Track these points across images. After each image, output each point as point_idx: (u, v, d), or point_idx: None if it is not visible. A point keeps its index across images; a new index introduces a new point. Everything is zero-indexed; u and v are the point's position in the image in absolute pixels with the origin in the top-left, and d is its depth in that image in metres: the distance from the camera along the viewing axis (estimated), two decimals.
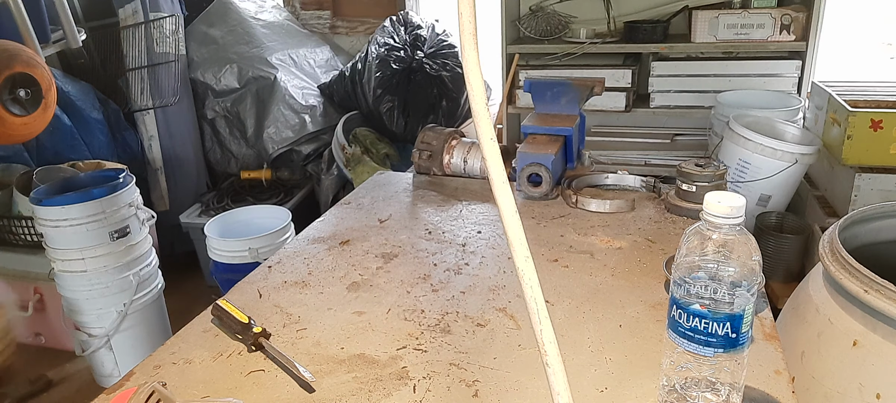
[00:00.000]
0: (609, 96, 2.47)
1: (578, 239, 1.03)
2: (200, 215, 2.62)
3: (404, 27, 2.78)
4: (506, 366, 0.73)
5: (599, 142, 2.69)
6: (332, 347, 0.78)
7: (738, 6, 2.40)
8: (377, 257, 1.01)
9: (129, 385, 0.71)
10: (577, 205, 1.15)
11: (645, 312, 0.83)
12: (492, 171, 0.42)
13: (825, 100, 2.07)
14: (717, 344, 0.58)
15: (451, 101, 2.72)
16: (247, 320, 0.79)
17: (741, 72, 2.43)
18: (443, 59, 2.74)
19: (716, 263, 0.58)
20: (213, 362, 0.76)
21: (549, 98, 1.28)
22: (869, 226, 1.41)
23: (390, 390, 0.70)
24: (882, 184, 1.88)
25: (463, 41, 0.41)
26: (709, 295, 0.58)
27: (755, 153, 1.97)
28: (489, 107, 0.48)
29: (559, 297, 0.87)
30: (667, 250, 0.99)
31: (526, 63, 2.55)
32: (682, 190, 1.11)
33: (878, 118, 1.85)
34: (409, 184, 1.31)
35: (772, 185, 2.02)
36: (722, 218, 0.57)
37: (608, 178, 1.25)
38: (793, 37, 2.33)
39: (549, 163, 1.15)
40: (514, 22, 2.67)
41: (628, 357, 0.74)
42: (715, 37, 2.37)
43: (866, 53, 2.83)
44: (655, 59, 2.48)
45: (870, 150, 1.87)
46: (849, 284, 1.14)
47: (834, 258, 1.20)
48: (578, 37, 2.58)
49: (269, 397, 0.69)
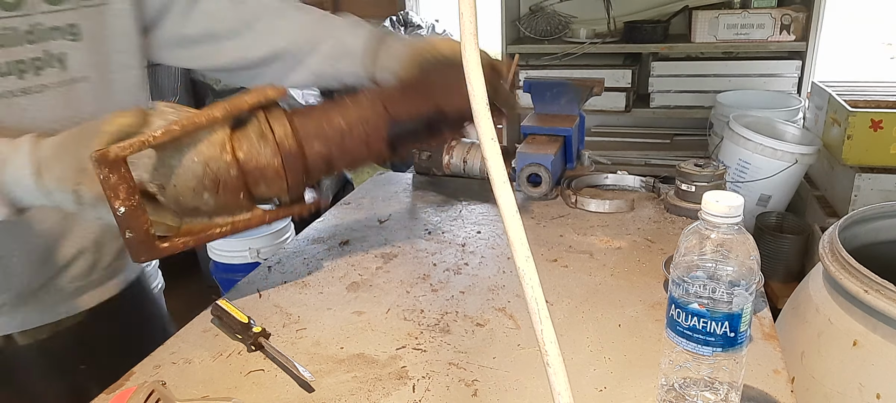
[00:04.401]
0: (609, 96, 2.47)
1: (578, 239, 1.04)
2: None
3: (404, 27, 2.78)
4: (505, 366, 0.73)
5: (599, 142, 2.69)
6: (331, 347, 0.78)
7: (738, 6, 2.41)
8: (377, 257, 1.01)
9: (128, 384, 0.72)
10: (576, 205, 1.15)
11: (644, 312, 0.83)
12: (492, 171, 0.42)
13: (825, 100, 2.07)
14: (716, 344, 0.59)
15: None
16: (246, 320, 0.79)
17: (741, 72, 2.44)
18: None
19: (714, 262, 0.58)
20: (213, 362, 0.76)
21: (548, 98, 1.28)
22: (869, 226, 1.41)
23: (390, 389, 0.70)
24: (882, 184, 1.89)
25: (463, 41, 0.41)
26: (707, 295, 0.58)
27: (755, 153, 1.97)
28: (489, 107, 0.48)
29: (558, 297, 0.87)
30: (666, 250, 0.99)
31: (526, 63, 2.55)
32: (681, 190, 1.11)
33: (878, 118, 1.85)
34: (409, 184, 1.32)
35: (772, 185, 2.02)
36: (720, 218, 0.57)
37: (608, 178, 1.25)
38: (793, 37, 2.33)
39: (548, 163, 1.15)
40: (514, 22, 2.68)
41: (627, 356, 0.74)
42: (715, 37, 2.37)
43: (866, 53, 2.83)
44: (655, 59, 2.49)
45: (870, 150, 1.87)
46: (849, 284, 1.14)
47: (834, 258, 1.21)
48: (578, 37, 2.58)
49: (268, 397, 0.70)
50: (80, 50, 0.84)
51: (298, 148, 0.72)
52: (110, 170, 0.63)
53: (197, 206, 0.71)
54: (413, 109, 0.81)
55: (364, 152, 0.77)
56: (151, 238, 0.69)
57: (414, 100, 0.81)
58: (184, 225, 0.73)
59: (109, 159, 0.63)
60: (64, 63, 0.83)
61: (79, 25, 0.83)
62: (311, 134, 0.74)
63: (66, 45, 0.83)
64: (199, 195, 0.69)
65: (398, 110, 0.78)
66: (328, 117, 0.76)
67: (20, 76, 0.79)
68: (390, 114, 0.78)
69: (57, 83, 0.82)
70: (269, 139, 0.71)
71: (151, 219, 0.68)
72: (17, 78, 0.79)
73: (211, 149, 0.68)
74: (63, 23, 0.82)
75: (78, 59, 0.84)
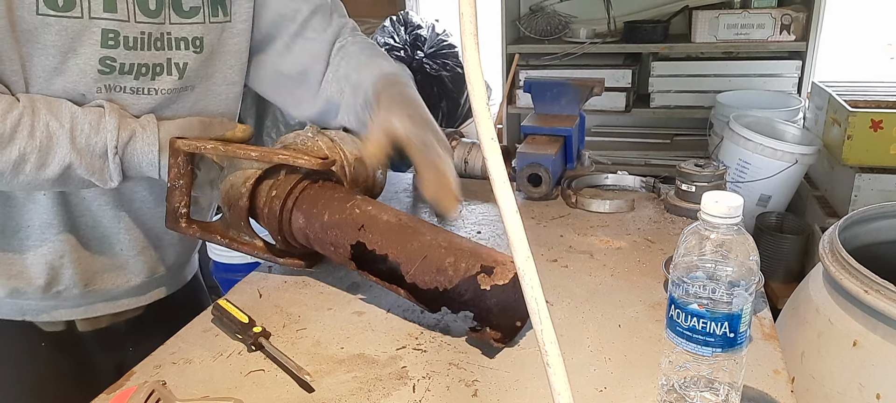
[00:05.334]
0: (609, 96, 2.47)
1: (578, 240, 1.04)
2: None
3: (404, 27, 2.78)
4: (505, 366, 0.73)
5: (599, 142, 2.69)
6: (331, 347, 0.78)
7: (738, 6, 2.41)
8: None
9: (128, 384, 0.72)
10: (576, 205, 1.15)
11: (644, 312, 0.83)
12: (493, 171, 0.42)
13: (825, 101, 2.07)
14: (716, 344, 0.59)
15: (452, 101, 2.72)
16: (247, 320, 0.79)
17: (741, 72, 2.44)
18: (443, 59, 2.74)
19: (714, 263, 0.58)
20: (213, 362, 0.76)
21: (548, 98, 1.28)
22: (869, 226, 1.41)
23: (390, 389, 0.70)
24: (882, 184, 1.89)
25: (464, 41, 0.41)
26: (707, 295, 0.58)
27: (755, 153, 1.97)
28: (490, 107, 0.47)
29: (558, 297, 0.87)
30: (666, 250, 0.99)
31: (526, 63, 2.54)
32: (681, 190, 1.11)
33: (878, 118, 1.85)
34: (409, 184, 1.32)
35: (772, 185, 2.02)
36: (719, 218, 0.57)
37: (608, 178, 1.25)
38: (793, 37, 2.33)
39: (548, 163, 1.15)
40: (514, 22, 2.68)
41: (628, 356, 0.74)
42: (715, 37, 2.37)
43: (867, 53, 2.83)
44: (655, 59, 2.48)
45: (870, 150, 1.87)
46: (849, 284, 1.14)
47: (834, 258, 1.21)
48: (578, 37, 2.58)
49: (268, 397, 0.70)
50: (199, 61, 0.89)
51: (286, 216, 0.86)
52: (173, 155, 0.84)
53: (223, 211, 0.90)
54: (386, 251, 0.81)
55: (331, 254, 0.85)
56: (178, 215, 0.88)
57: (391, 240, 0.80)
58: (207, 221, 0.93)
59: (174, 147, 0.83)
60: (182, 72, 0.88)
61: (203, 39, 0.88)
62: (302, 211, 0.85)
63: (190, 56, 0.88)
64: (224, 202, 0.89)
65: (372, 241, 0.79)
66: (322, 205, 0.84)
67: (137, 77, 0.84)
68: (365, 242, 0.79)
69: (169, 89, 0.87)
70: (271, 195, 0.86)
71: (186, 201, 0.87)
72: (133, 78, 0.84)
73: (237, 177, 0.87)
74: (191, 35, 0.87)
75: (194, 70, 0.89)
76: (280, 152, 0.86)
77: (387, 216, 0.81)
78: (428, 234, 0.78)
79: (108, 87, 0.83)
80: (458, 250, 0.75)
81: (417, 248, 0.76)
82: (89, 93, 0.82)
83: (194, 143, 0.84)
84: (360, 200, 0.84)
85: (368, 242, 0.79)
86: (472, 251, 0.75)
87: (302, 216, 0.85)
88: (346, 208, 0.82)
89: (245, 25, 0.93)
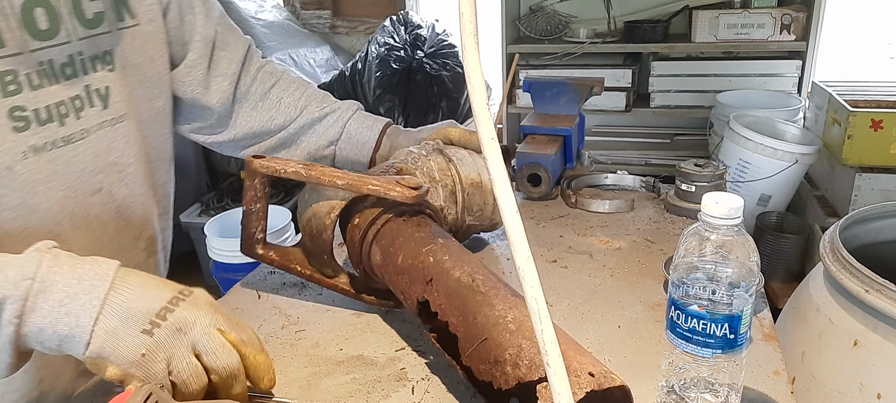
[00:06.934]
0: (609, 96, 2.47)
1: (578, 240, 1.03)
2: (200, 215, 2.62)
3: (404, 27, 2.78)
4: None
5: (599, 142, 2.69)
6: (330, 348, 0.78)
7: (738, 6, 2.40)
8: None
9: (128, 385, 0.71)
10: (576, 205, 1.15)
11: (644, 313, 0.83)
12: (493, 171, 0.42)
13: (825, 100, 2.07)
14: (716, 345, 0.58)
15: (452, 101, 2.72)
16: None
17: (741, 72, 2.43)
18: (443, 58, 2.74)
19: (714, 264, 0.58)
20: None
21: (548, 98, 1.28)
22: (869, 226, 1.41)
23: (389, 391, 0.70)
24: (882, 183, 1.88)
25: (464, 41, 0.41)
26: (707, 296, 0.58)
27: (755, 153, 1.97)
28: (490, 107, 0.47)
29: (558, 298, 0.87)
30: (666, 250, 0.98)
31: (526, 63, 2.54)
32: (681, 190, 1.11)
33: (878, 118, 1.85)
34: None
35: (772, 185, 2.01)
36: (720, 219, 0.57)
37: (608, 178, 1.25)
38: (793, 37, 2.32)
39: (548, 163, 1.15)
40: (514, 22, 2.67)
41: (627, 357, 0.74)
42: (715, 37, 2.36)
43: (867, 53, 2.83)
44: (655, 58, 2.48)
45: (870, 150, 1.87)
46: (849, 284, 1.14)
47: (834, 258, 1.20)
48: (578, 36, 2.58)
49: None
50: (118, 81, 0.75)
51: (366, 249, 0.79)
52: (249, 177, 0.79)
53: (304, 240, 0.84)
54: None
55: (403, 301, 0.76)
56: (254, 240, 0.84)
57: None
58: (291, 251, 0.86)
59: (252, 168, 0.79)
60: (106, 100, 0.74)
61: (112, 52, 0.75)
62: (380, 246, 0.77)
63: (108, 77, 0.74)
64: (304, 232, 0.83)
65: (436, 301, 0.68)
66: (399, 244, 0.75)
67: (61, 122, 0.69)
68: (430, 300, 0.69)
69: (98, 125, 0.73)
70: (354, 224, 0.80)
71: (262, 225, 0.83)
72: (59, 125, 0.69)
73: (321, 208, 0.80)
74: (99, 50, 0.73)
75: (118, 93, 0.75)
76: (370, 181, 0.76)
77: (459, 272, 0.67)
78: (498, 306, 0.62)
79: (35, 149, 0.67)
80: (528, 336, 0.58)
81: (481, 324, 0.62)
82: (17, 165, 0.66)
83: (273, 166, 0.77)
84: (439, 245, 0.72)
85: (433, 302, 0.67)
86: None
87: (379, 252, 0.76)
88: (421, 253, 0.71)
89: (153, 26, 0.80)
